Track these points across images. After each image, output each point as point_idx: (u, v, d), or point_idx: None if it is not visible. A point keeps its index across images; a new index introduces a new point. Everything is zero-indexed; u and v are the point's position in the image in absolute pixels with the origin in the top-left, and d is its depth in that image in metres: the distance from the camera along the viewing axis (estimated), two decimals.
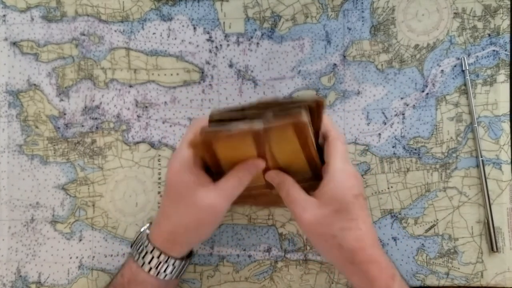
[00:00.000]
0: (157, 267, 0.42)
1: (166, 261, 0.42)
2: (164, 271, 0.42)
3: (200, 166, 0.42)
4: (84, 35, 0.52)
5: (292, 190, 0.41)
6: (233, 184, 0.41)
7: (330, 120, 0.43)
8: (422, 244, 0.51)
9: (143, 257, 0.42)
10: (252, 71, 0.52)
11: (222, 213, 0.42)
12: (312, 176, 0.43)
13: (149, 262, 0.42)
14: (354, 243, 0.39)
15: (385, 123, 0.52)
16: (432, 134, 0.51)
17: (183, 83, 0.52)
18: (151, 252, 0.42)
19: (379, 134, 0.51)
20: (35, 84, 0.52)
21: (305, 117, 0.37)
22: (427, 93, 0.51)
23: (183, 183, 0.41)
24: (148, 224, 0.46)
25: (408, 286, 0.41)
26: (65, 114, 0.52)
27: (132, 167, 0.52)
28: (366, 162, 0.51)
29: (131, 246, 0.45)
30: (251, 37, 0.52)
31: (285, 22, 0.52)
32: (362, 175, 0.51)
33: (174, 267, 0.43)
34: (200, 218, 0.41)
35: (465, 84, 0.51)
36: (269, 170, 0.42)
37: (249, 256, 0.51)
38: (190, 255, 0.46)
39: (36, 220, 0.51)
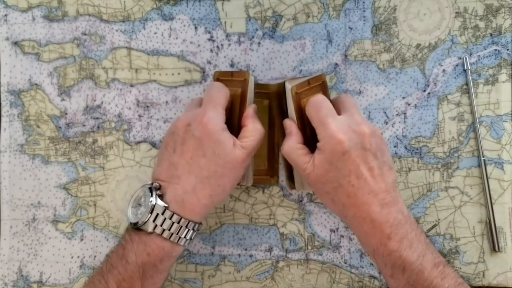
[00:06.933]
0: (185, 236, 0.42)
1: (193, 228, 0.42)
2: (190, 237, 0.42)
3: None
4: (85, 34, 0.52)
5: (295, 145, 0.43)
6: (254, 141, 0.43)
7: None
8: None
9: (177, 233, 0.41)
10: (253, 71, 0.52)
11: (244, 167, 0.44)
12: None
13: (185, 235, 0.41)
14: (345, 199, 0.40)
15: (386, 123, 0.51)
16: (433, 134, 0.51)
17: (185, 83, 0.52)
18: (178, 222, 0.41)
19: (381, 133, 0.51)
20: (36, 84, 0.52)
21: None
22: (429, 93, 0.51)
23: (223, 141, 0.41)
24: (154, 195, 0.41)
25: (426, 245, 0.40)
26: (66, 113, 0.52)
27: (133, 167, 0.52)
28: None
29: (142, 224, 0.41)
30: (252, 37, 0.52)
31: (286, 21, 0.52)
32: None
33: (194, 232, 0.43)
34: (231, 171, 0.42)
35: (466, 84, 0.51)
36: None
37: (251, 255, 0.51)
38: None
39: (37, 219, 0.51)
